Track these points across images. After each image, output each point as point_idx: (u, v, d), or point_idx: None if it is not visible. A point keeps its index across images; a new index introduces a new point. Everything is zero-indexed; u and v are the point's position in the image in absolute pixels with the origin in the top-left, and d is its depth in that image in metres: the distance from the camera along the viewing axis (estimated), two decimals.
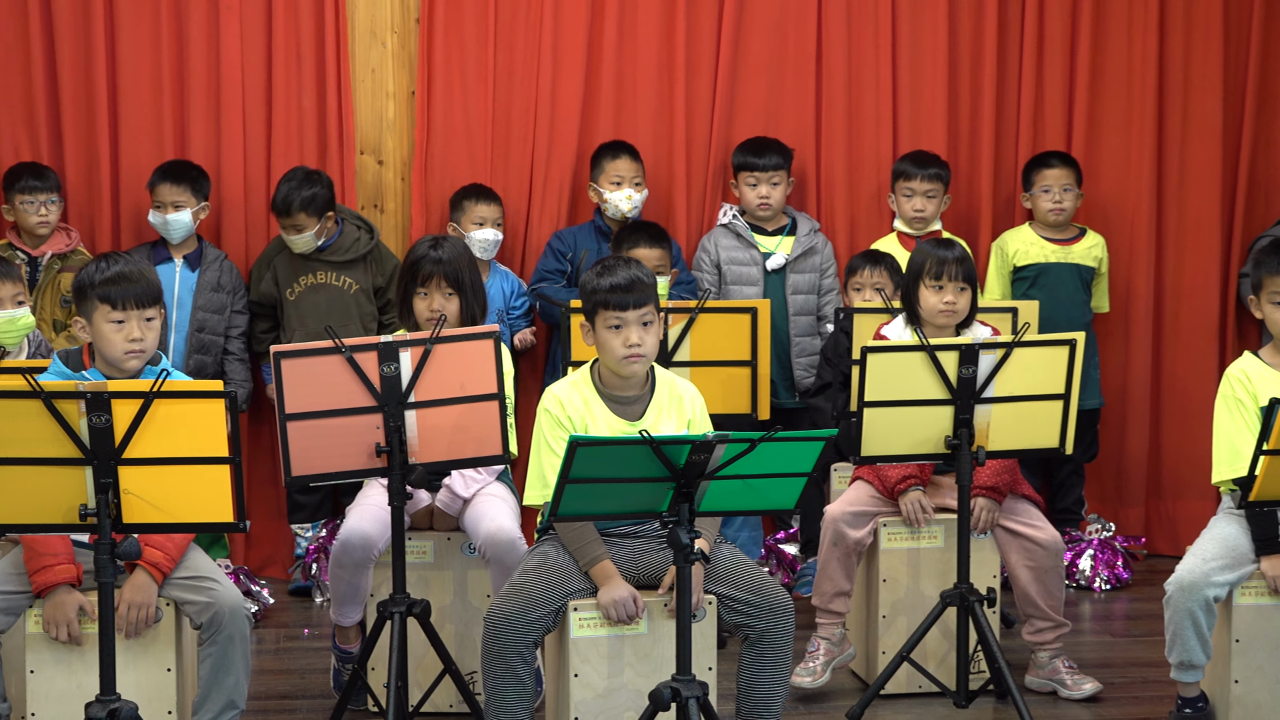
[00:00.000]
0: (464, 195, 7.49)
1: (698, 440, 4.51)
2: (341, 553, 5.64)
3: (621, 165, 7.53)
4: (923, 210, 7.60)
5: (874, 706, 5.87)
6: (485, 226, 7.41)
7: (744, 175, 7.59)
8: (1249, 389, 5.37)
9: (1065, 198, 7.73)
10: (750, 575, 5.10)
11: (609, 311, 5.09)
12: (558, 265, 7.47)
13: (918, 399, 5.63)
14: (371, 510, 5.68)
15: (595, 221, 7.56)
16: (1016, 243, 7.80)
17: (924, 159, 7.66)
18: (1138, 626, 7.10)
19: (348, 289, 7.35)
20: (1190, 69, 8.14)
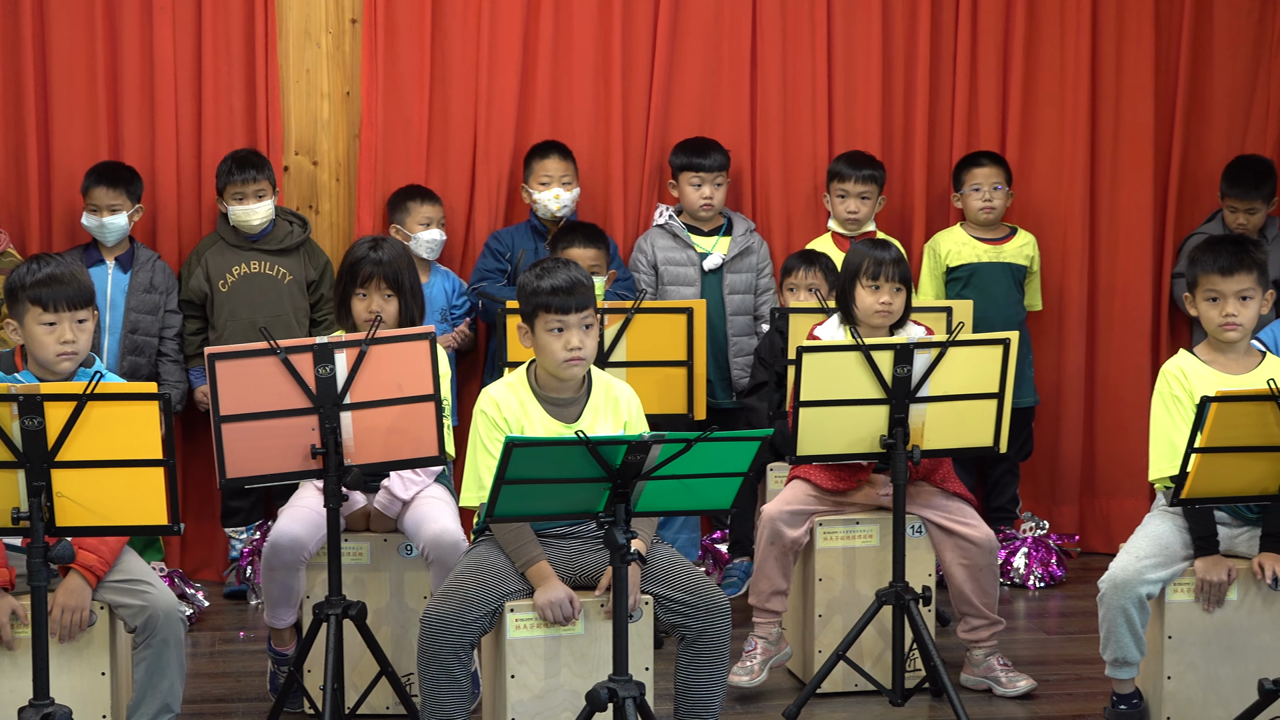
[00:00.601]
0: (407, 196, 7.47)
1: (633, 441, 4.52)
2: (272, 555, 5.62)
3: (550, 165, 7.52)
4: (856, 211, 7.62)
5: (810, 705, 5.88)
6: (431, 227, 7.40)
7: (687, 175, 7.58)
8: (1185, 386, 5.40)
9: (995, 196, 7.76)
10: (686, 575, 5.10)
11: (550, 315, 5.08)
12: (497, 265, 7.46)
13: (853, 398, 5.65)
14: (302, 512, 5.67)
15: (531, 221, 7.55)
16: (949, 243, 7.84)
17: (858, 160, 7.68)
18: (1072, 624, 7.14)
19: (281, 279, 7.33)
20: (1122, 72, 8.19)
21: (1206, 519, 5.37)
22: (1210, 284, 5.43)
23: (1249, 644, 5.39)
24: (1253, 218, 7.85)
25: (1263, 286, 5.43)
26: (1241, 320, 5.40)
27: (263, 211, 7.26)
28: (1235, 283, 5.40)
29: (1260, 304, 5.44)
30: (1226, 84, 8.28)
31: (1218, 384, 5.25)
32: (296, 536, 5.60)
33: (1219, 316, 5.41)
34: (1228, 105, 8.29)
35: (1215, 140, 8.27)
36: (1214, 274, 5.43)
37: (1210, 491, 4.96)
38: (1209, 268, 5.44)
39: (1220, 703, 5.38)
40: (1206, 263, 5.45)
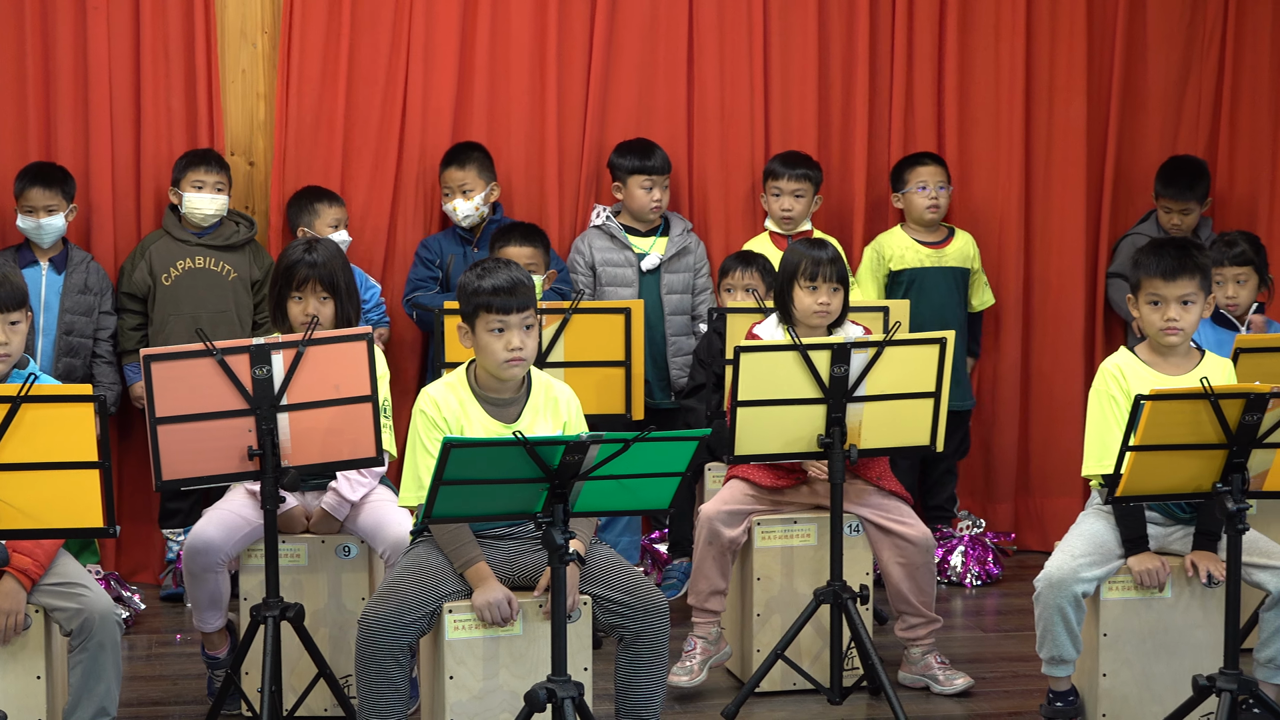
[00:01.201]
0: (313, 198, 7.42)
1: (571, 441, 4.52)
2: (189, 559, 5.62)
3: (449, 176, 7.48)
4: (790, 210, 7.63)
5: (749, 704, 5.89)
6: (339, 228, 7.38)
7: (638, 179, 7.56)
8: (1122, 385, 5.43)
9: (940, 195, 7.80)
10: (625, 576, 5.11)
11: (491, 315, 5.07)
12: (429, 273, 7.44)
13: (791, 398, 5.67)
14: (222, 515, 5.66)
15: (457, 228, 7.53)
16: (893, 246, 7.85)
17: (793, 159, 7.69)
18: (1008, 622, 7.18)
19: (226, 275, 7.30)
20: (1055, 71, 8.23)
21: (1136, 520, 5.41)
22: (1153, 288, 5.45)
23: (1183, 641, 5.43)
24: (1186, 218, 7.90)
25: (1205, 291, 5.45)
26: (1183, 325, 5.42)
27: (219, 203, 7.26)
28: (1178, 287, 5.41)
29: (1202, 308, 5.46)
30: (1160, 84, 8.33)
31: (1156, 384, 5.28)
32: (210, 541, 5.58)
33: (1160, 320, 5.43)
34: (1161, 105, 8.34)
35: (1149, 140, 8.32)
36: (1157, 278, 5.43)
37: (1144, 489, 4.99)
38: (1152, 271, 5.45)
39: (1155, 699, 5.42)
40: (1150, 266, 5.46)
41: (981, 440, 8.21)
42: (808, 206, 7.68)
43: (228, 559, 5.63)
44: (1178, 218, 7.89)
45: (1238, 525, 4.94)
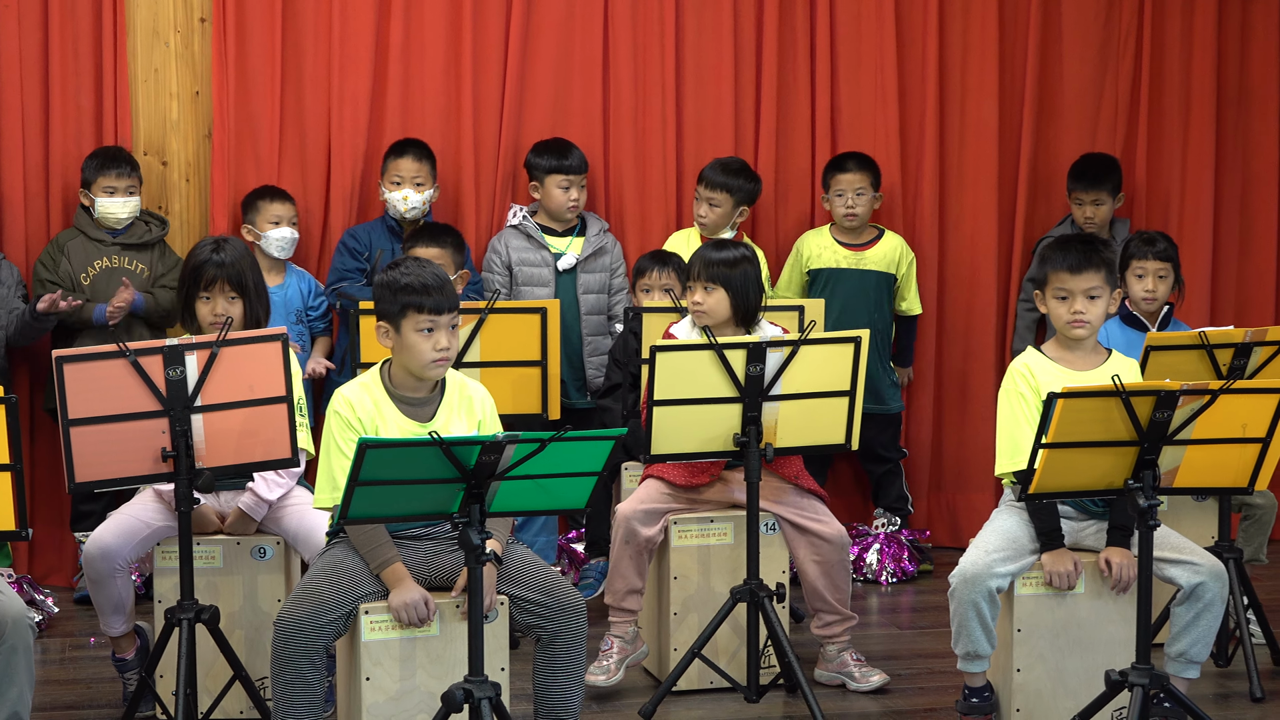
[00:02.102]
0: (258, 195, 7.42)
1: (487, 441, 4.51)
2: (88, 566, 5.59)
3: (403, 165, 7.48)
4: (705, 217, 7.67)
5: (666, 703, 5.91)
6: (282, 225, 7.35)
7: (555, 179, 7.57)
8: (1031, 383, 5.47)
9: (858, 202, 7.82)
10: (542, 576, 5.10)
11: (422, 315, 5.05)
12: (355, 264, 7.41)
13: (706, 397, 5.68)
14: (121, 520, 5.63)
15: (386, 220, 7.52)
16: (813, 245, 7.89)
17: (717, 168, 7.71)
18: (924, 618, 7.22)
19: (141, 274, 7.26)
20: (967, 73, 8.29)
21: (1050, 514, 5.45)
22: (1059, 282, 5.51)
23: (1096, 636, 5.48)
24: (1099, 210, 7.95)
25: (1110, 285, 5.51)
26: (1089, 318, 5.48)
27: (131, 206, 7.22)
28: (1083, 281, 5.47)
29: (1108, 303, 5.52)
30: (1075, 85, 8.40)
31: (1064, 381, 5.33)
32: (107, 546, 5.55)
33: (1067, 314, 5.49)
34: (1077, 106, 8.41)
35: (1065, 141, 8.39)
36: (1063, 272, 5.50)
37: (1057, 486, 5.03)
38: (1058, 265, 5.52)
39: (1068, 694, 5.46)
40: (1056, 261, 5.53)
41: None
42: (726, 215, 7.66)
43: (127, 564, 5.60)
44: (1090, 209, 7.95)
45: (1149, 521, 4.98)
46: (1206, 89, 8.42)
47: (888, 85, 8.19)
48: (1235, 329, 6.17)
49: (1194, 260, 8.32)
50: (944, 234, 8.31)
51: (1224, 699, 6.08)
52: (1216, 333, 6.13)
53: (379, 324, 5.13)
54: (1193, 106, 8.43)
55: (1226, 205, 8.53)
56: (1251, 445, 5.06)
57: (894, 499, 8.02)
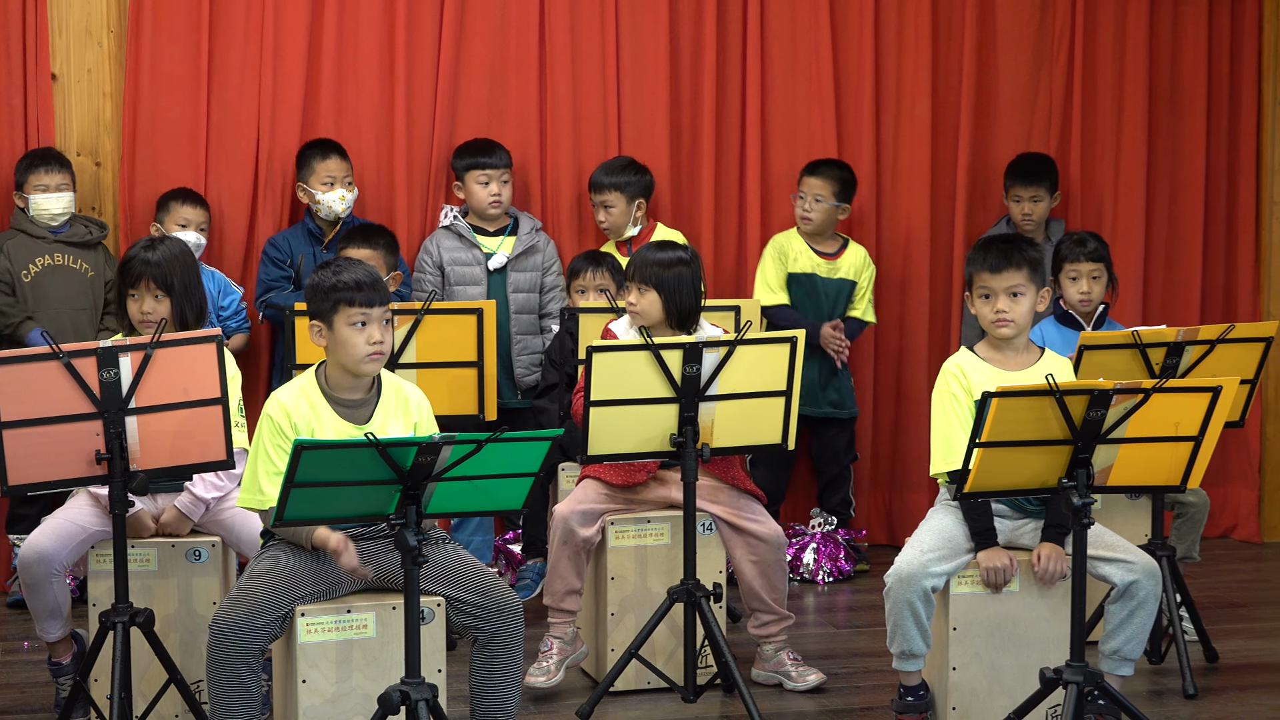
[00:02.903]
0: (169, 197, 7.38)
1: (424, 442, 4.51)
2: (23, 570, 5.56)
3: (333, 165, 7.46)
4: (604, 221, 7.71)
5: (604, 704, 5.90)
6: (188, 229, 7.30)
7: (474, 174, 7.58)
8: (963, 383, 5.50)
9: (815, 209, 7.83)
10: (478, 577, 5.09)
11: (354, 309, 5.04)
12: (280, 272, 7.39)
13: (643, 397, 5.69)
14: (56, 524, 5.59)
15: (306, 225, 7.48)
16: (791, 248, 7.90)
17: (603, 169, 7.73)
18: (860, 618, 7.24)
19: (85, 273, 7.23)
20: (902, 74, 8.33)
21: (983, 513, 5.48)
22: (982, 281, 5.55)
23: (1031, 634, 5.50)
24: (1037, 206, 8.00)
25: (1036, 284, 5.54)
26: (1013, 316, 5.51)
27: (65, 200, 7.20)
28: (1005, 279, 5.51)
29: (1034, 300, 5.55)
30: (1010, 86, 8.45)
31: (995, 380, 5.36)
32: (44, 551, 5.51)
33: (991, 313, 5.53)
34: (1011, 107, 8.46)
35: (1001, 143, 8.44)
36: (985, 271, 5.54)
37: (992, 485, 5.05)
38: (980, 266, 5.56)
39: (1004, 692, 5.48)
40: (978, 261, 5.58)
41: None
42: (625, 214, 7.69)
43: (64, 568, 5.57)
44: (1028, 205, 8.00)
45: (1083, 520, 5.01)
46: (1138, 90, 8.49)
47: (823, 87, 8.22)
48: (1168, 328, 6.21)
49: (1127, 260, 8.38)
50: (880, 236, 8.33)
51: (1157, 696, 6.12)
52: (1149, 332, 6.17)
53: (312, 324, 5.11)
54: (1125, 107, 8.50)
55: (1158, 206, 8.60)
56: (1184, 444, 5.10)
57: (837, 503, 8.05)
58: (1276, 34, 8.61)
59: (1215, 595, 7.54)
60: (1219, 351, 6.19)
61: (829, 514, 7.98)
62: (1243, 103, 8.65)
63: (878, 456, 8.44)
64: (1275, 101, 8.62)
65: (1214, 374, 5.98)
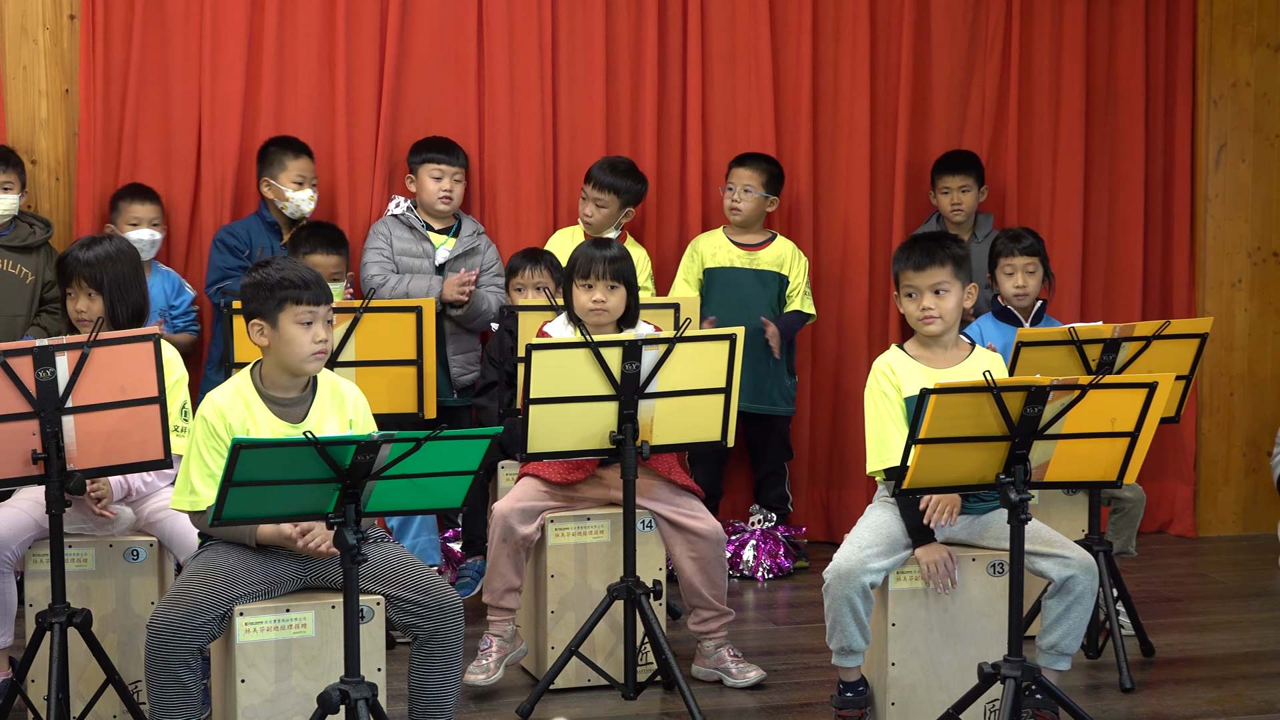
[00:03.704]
0: (120, 195, 7.36)
1: (363, 440, 4.50)
2: None
3: (304, 165, 7.46)
4: (591, 216, 7.69)
5: (544, 701, 5.90)
6: (141, 226, 7.27)
7: (428, 168, 7.58)
8: (893, 381, 5.53)
9: (744, 199, 7.85)
10: (418, 575, 5.09)
11: (301, 306, 5.02)
12: (237, 261, 7.35)
13: (582, 395, 5.69)
14: (9, 513, 5.54)
15: (265, 217, 7.46)
16: (708, 245, 7.92)
17: (605, 167, 7.73)
18: (800, 614, 7.26)
19: (24, 278, 7.18)
20: (839, 73, 8.35)
21: (919, 510, 5.50)
22: (907, 280, 5.58)
23: (969, 629, 5.53)
24: (966, 195, 8.04)
25: (961, 280, 5.57)
26: (939, 312, 5.54)
27: (9, 203, 7.14)
28: (928, 276, 5.54)
29: (960, 297, 5.57)
30: (944, 84, 8.48)
31: (924, 378, 5.39)
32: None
33: (917, 310, 5.56)
34: (945, 105, 8.49)
35: (935, 140, 8.47)
36: (909, 270, 5.58)
37: (931, 481, 5.07)
38: (904, 264, 5.60)
39: (942, 687, 5.51)
40: (902, 260, 5.61)
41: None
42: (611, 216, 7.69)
43: (15, 558, 5.52)
44: (957, 194, 8.05)
45: (1020, 515, 5.04)
46: (1075, 87, 8.54)
47: (762, 83, 8.23)
48: (1104, 324, 6.25)
49: (1064, 257, 8.43)
50: (817, 232, 8.36)
51: (1094, 690, 6.17)
52: (1086, 328, 6.21)
53: (253, 322, 5.06)
54: (1062, 105, 8.55)
55: (1095, 203, 8.65)
56: (1120, 439, 5.13)
57: (774, 499, 8.07)
58: (1211, 32, 8.68)
59: (1151, 590, 7.59)
60: (1155, 348, 6.23)
61: (767, 510, 8.01)
62: (1178, 100, 8.71)
63: (816, 453, 8.47)
64: (1210, 100, 8.69)
65: (1150, 370, 6.03)
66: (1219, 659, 6.59)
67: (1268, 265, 8.78)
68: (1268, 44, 8.71)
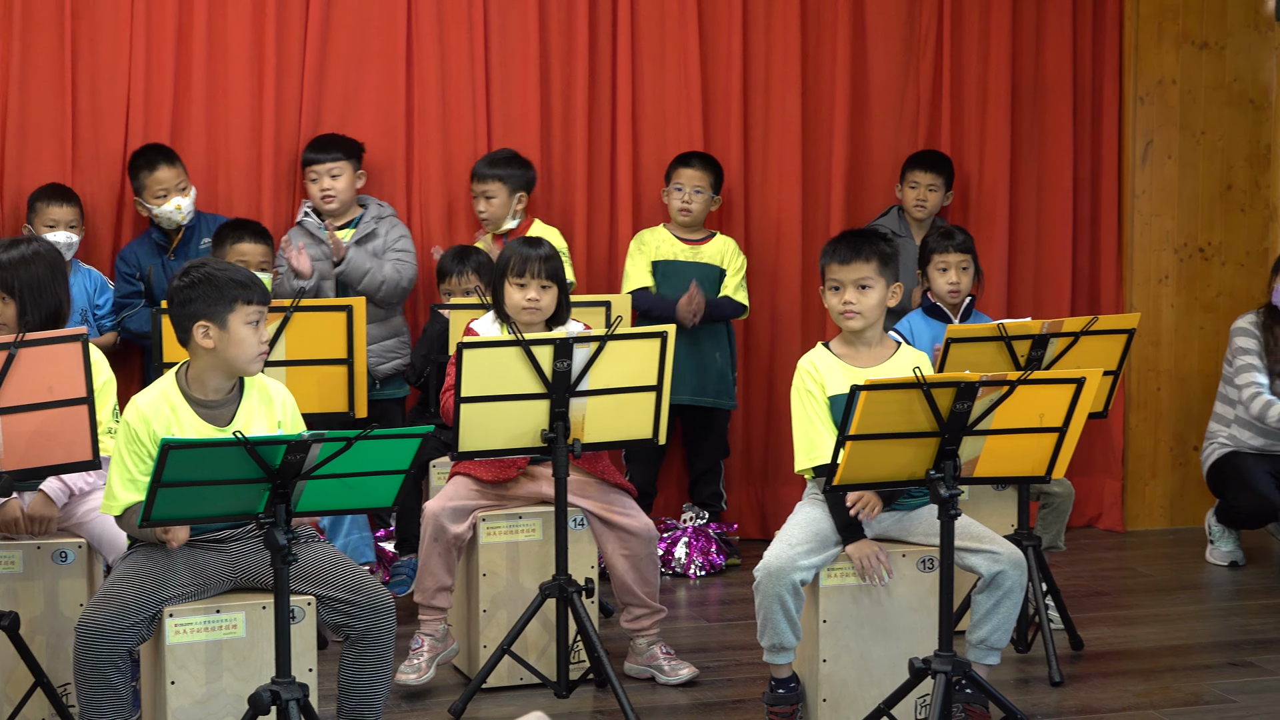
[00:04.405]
0: (36, 196, 7.28)
1: (293, 440, 4.48)
2: None
3: (161, 175, 7.34)
4: (484, 211, 7.70)
5: (476, 701, 5.89)
6: (57, 229, 7.21)
7: (308, 171, 7.59)
8: (816, 380, 5.55)
9: (695, 200, 7.87)
10: (349, 575, 5.07)
11: (250, 307, 4.98)
12: (131, 287, 7.32)
13: (514, 393, 5.68)
14: None
15: (152, 236, 7.40)
16: (654, 239, 7.93)
17: (487, 160, 7.73)
18: (732, 611, 7.27)
19: None
20: (771, 70, 8.37)
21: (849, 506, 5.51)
22: (831, 273, 5.60)
23: (899, 625, 5.55)
24: (933, 194, 8.10)
25: (886, 278, 5.58)
26: (860, 308, 5.55)
27: None
28: (852, 271, 5.55)
29: (884, 295, 5.58)
30: (880, 82, 8.51)
31: (848, 377, 5.40)
32: None
33: (839, 304, 5.58)
34: (881, 103, 8.52)
35: (872, 138, 8.50)
36: (834, 263, 5.59)
37: (861, 478, 5.09)
38: (830, 258, 5.62)
39: (873, 683, 5.53)
40: (829, 253, 5.63)
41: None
42: (506, 205, 7.70)
43: None
44: (924, 191, 8.10)
45: (950, 511, 5.07)
46: (1003, 85, 8.59)
47: (691, 81, 8.24)
48: (1033, 321, 6.28)
49: (993, 254, 8.48)
50: (749, 230, 8.37)
51: (1024, 684, 6.20)
52: (1014, 324, 6.24)
53: (199, 324, 4.97)
54: (990, 102, 8.59)
55: (1024, 200, 8.70)
56: (1049, 435, 5.17)
57: (708, 496, 8.08)
58: (1137, 30, 8.74)
59: (1080, 584, 7.64)
60: (1083, 343, 6.27)
61: (700, 508, 8.02)
62: (1105, 98, 8.77)
63: (750, 450, 8.48)
64: (1136, 98, 8.75)
65: (1078, 366, 6.06)
66: (1147, 652, 6.64)
67: (1194, 261, 8.86)
68: (1193, 41, 8.79)
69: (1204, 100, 8.82)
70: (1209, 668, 6.43)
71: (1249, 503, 7.79)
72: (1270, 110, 8.86)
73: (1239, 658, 6.55)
